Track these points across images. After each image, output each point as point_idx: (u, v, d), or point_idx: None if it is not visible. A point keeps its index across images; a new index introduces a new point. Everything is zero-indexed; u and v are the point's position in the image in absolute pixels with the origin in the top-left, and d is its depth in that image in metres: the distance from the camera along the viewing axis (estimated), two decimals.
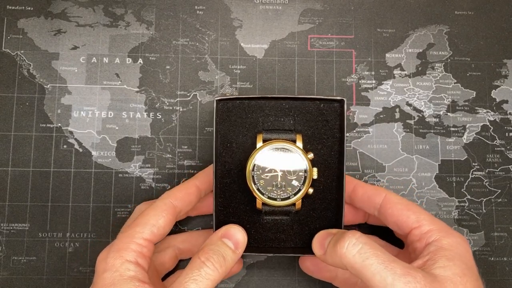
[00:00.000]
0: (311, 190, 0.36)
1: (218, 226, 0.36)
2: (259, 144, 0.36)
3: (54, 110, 0.44)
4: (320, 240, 0.35)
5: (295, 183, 0.36)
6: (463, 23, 0.47)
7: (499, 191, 0.45)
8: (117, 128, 0.44)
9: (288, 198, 0.36)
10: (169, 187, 0.43)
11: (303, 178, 0.36)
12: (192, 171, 0.44)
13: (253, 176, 0.36)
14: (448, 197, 0.44)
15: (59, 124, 0.44)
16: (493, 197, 0.45)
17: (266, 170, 0.36)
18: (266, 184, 0.36)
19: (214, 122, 0.37)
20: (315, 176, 0.36)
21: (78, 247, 0.42)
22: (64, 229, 0.43)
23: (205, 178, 0.39)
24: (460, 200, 0.44)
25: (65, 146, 0.44)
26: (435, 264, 0.31)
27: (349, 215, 0.41)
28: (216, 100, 0.37)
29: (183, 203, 0.37)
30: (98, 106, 0.45)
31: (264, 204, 0.36)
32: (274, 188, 0.36)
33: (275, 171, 0.36)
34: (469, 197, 0.44)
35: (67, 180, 0.43)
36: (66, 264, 0.42)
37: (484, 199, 0.44)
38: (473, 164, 0.45)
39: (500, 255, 0.44)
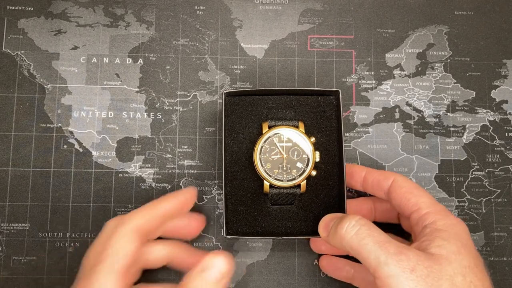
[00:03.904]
0: (314, 172, 0.39)
1: (227, 214, 0.39)
2: (265, 130, 0.39)
3: (54, 110, 0.44)
4: (325, 223, 0.36)
5: (299, 165, 0.39)
6: (463, 23, 0.47)
7: (499, 191, 0.45)
8: (117, 128, 0.44)
9: (294, 179, 0.38)
10: (169, 187, 0.44)
11: (306, 160, 0.39)
12: (192, 171, 0.44)
13: (260, 159, 0.38)
14: (448, 197, 0.44)
15: (59, 124, 0.44)
16: (492, 197, 0.45)
17: (273, 153, 0.38)
18: (272, 167, 0.38)
19: (223, 115, 0.39)
20: (317, 159, 0.39)
21: (78, 247, 0.42)
22: (64, 229, 0.43)
23: (175, 204, 0.37)
24: (460, 200, 0.44)
25: (65, 146, 0.44)
26: (430, 244, 0.31)
27: (381, 213, 0.41)
28: (225, 93, 0.39)
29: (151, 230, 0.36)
30: (98, 106, 0.45)
31: (271, 187, 0.38)
32: (280, 171, 0.38)
33: (281, 153, 0.38)
34: (468, 197, 0.45)
35: (67, 180, 0.43)
36: (66, 264, 0.42)
37: (484, 199, 0.45)
38: (473, 164, 0.45)
39: (499, 255, 0.44)
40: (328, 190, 0.41)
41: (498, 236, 0.44)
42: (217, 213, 0.43)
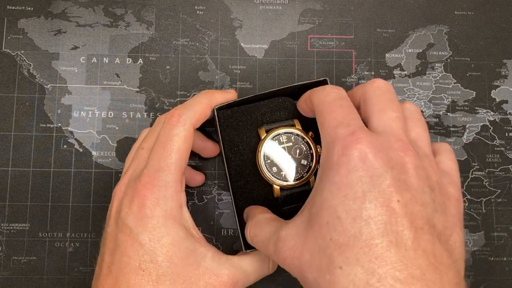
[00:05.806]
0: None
1: (242, 230, 0.38)
2: (263, 135, 0.38)
3: (54, 110, 0.44)
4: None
5: (304, 162, 0.38)
6: (463, 23, 0.47)
7: (499, 191, 0.45)
8: (117, 128, 0.44)
9: (302, 177, 0.38)
10: None
11: (310, 156, 0.38)
12: None
13: (265, 165, 0.38)
14: None
15: (59, 124, 0.44)
16: (493, 197, 0.45)
17: (276, 156, 0.38)
18: (278, 170, 0.38)
19: (219, 130, 0.39)
20: (319, 152, 0.38)
21: (78, 247, 0.42)
22: (64, 229, 0.43)
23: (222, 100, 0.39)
24: None
25: (65, 146, 0.44)
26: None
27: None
28: (217, 109, 0.38)
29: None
30: (98, 106, 0.45)
31: (282, 189, 0.38)
32: (286, 172, 0.38)
33: (285, 155, 0.38)
34: (469, 197, 0.45)
35: (67, 180, 0.43)
36: (66, 264, 0.42)
37: (484, 199, 0.45)
38: (473, 164, 0.45)
39: (500, 255, 0.44)
40: None
41: (498, 236, 0.44)
42: (217, 213, 0.43)
